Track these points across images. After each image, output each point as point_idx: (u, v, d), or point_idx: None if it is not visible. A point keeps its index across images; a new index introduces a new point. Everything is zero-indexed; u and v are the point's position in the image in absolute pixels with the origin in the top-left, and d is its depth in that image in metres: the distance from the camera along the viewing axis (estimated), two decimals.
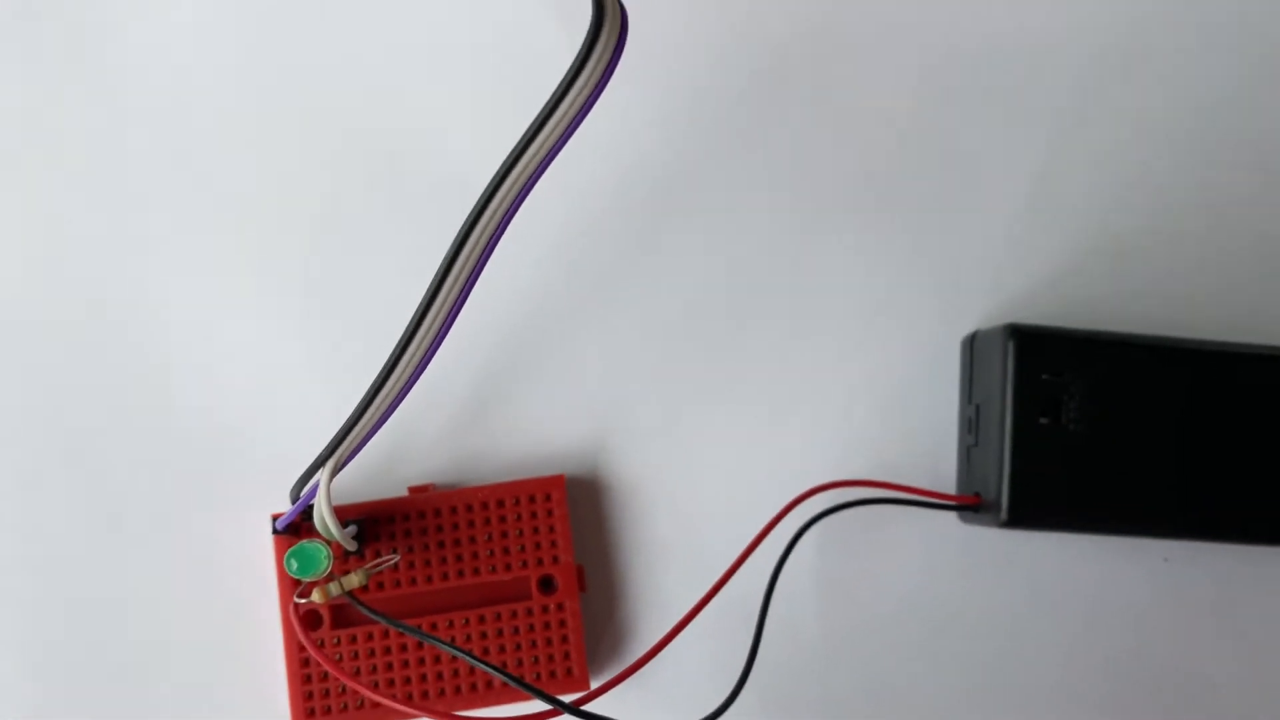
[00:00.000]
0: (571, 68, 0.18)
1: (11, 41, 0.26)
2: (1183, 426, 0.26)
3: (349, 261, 0.27)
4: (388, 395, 0.21)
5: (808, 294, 0.28)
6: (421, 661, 0.25)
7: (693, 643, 0.25)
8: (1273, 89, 0.28)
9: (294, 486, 0.23)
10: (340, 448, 0.21)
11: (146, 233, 0.26)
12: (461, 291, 0.20)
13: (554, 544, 0.26)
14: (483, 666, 0.22)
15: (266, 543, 0.25)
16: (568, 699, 0.22)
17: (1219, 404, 0.26)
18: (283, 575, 0.25)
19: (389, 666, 0.25)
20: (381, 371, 0.21)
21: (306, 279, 0.27)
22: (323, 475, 0.21)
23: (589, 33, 0.18)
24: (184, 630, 0.26)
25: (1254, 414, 0.26)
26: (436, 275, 0.20)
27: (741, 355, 0.27)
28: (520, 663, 0.25)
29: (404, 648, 0.25)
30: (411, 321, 0.20)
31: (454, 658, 0.25)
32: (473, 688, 0.25)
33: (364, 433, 0.21)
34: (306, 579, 0.22)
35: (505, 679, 0.22)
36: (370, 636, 0.25)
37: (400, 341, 0.20)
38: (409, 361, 0.20)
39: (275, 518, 0.24)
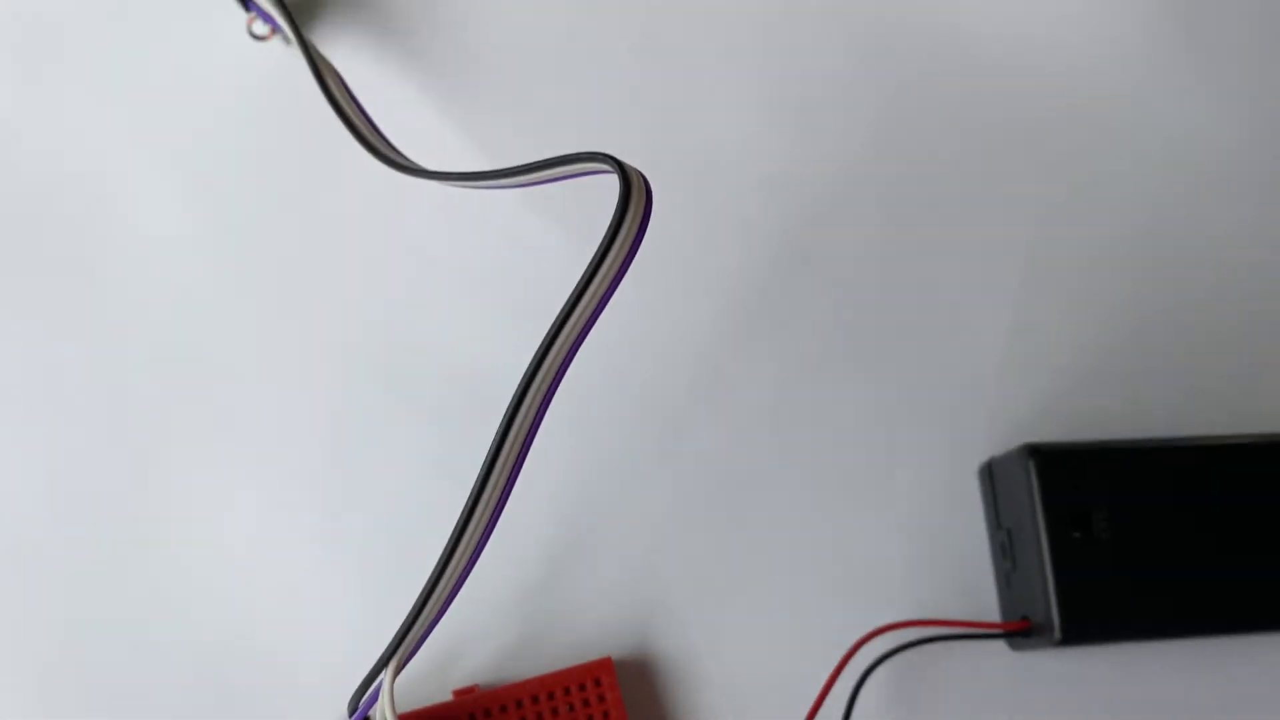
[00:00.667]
0: (604, 241, 0.19)
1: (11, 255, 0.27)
2: (1208, 519, 0.26)
3: (368, 469, 0.26)
4: (446, 586, 0.20)
5: (822, 452, 0.28)
6: None
7: None
8: (1215, 197, 0.30)
9: (353, 696, 0.22)
10: (402, 646, 0.20)
11: (158, 445, 0.26)
12: (510, 475, 0.20)
13: None
14: None
15: None
16: None
17: (1236, 494, 0.27)
18: None
19: None
20: (438, 563, 0.20)
21: (326, 488, 0.26)
22: (386, 676, 0.20)
23: (618, 205, 0.19)
24: None
25: (1268, 498, 0.27)
26: (484, 464, 0.20)
27: (769, 522, 0.27)
28: None
29: None
30: (464, 510, 0.20)
31: None
32: None
33: (425, 627, 0.20)
34: None
35: None
36: None
37: (455, 531, 0.20)
38: (464, 550, 0.20)
39: None
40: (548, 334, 0.20)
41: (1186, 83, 0.31)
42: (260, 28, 0.28)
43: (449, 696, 0.25)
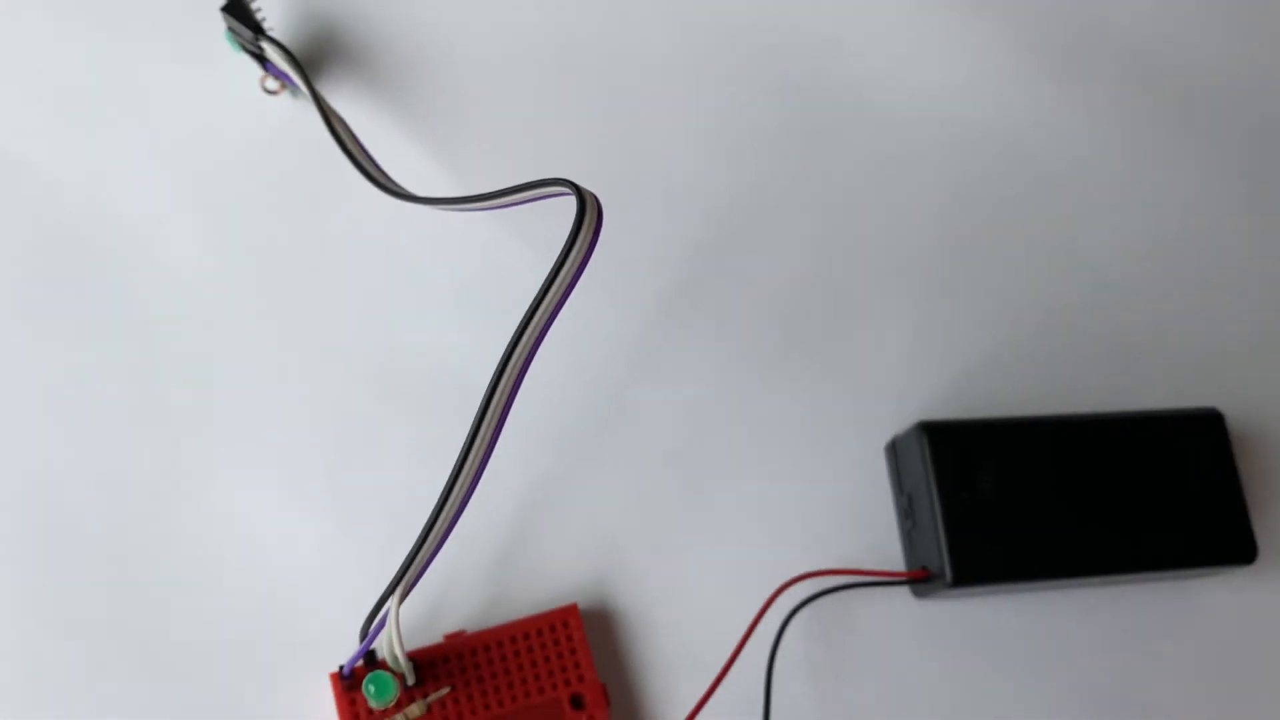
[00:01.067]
0: (563, 248, 0.24)
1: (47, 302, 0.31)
2: (1073, 482, 0.31)
3: (366, 456, 0.31)
4: (439, 530, 0.25)
5: (756, 433, 0.33)
6: None
7: None
8: (1085, 217, 0.36)
9: (363, 625, 0.26)
10: (404, 579, 0.25)
11: (190, 440, 0.31)
12: (489, 443, 0.25)
13: (577, 665, 0.29)
14: None
15: (324, 694, 0.28)
16: None
17: (1096, 460, 0.32)
18: (344, 709, 0.28)
19: None
20: (432, 513, 0.25)
21: (332, 474, 0.31)
22: (392, 603, 0.25)
23: (575, 219, 0.24)
24: None
25: (1125, 465, 0.32)
26: (469, 434, 0.25)
27: (710, 491, 0.32)
28: None
29: None
30: (454, 468, 0.25)
31: None
32: None
33: (422, 564, 0.25)
34: (380, 704, 0.25)
35: None
36: None
37: (445, 485, 0.25)
38: (453, 502, 0.25)
39: (332, 675, 0.28)
40: (518, 327, 0.25)
41: (1059, 123, 0.37)
42: (272, 84, 0.33)
43: (440, 639, 0.30)
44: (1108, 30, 0.39)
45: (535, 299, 0.25)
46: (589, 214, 0.24)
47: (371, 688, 0.26)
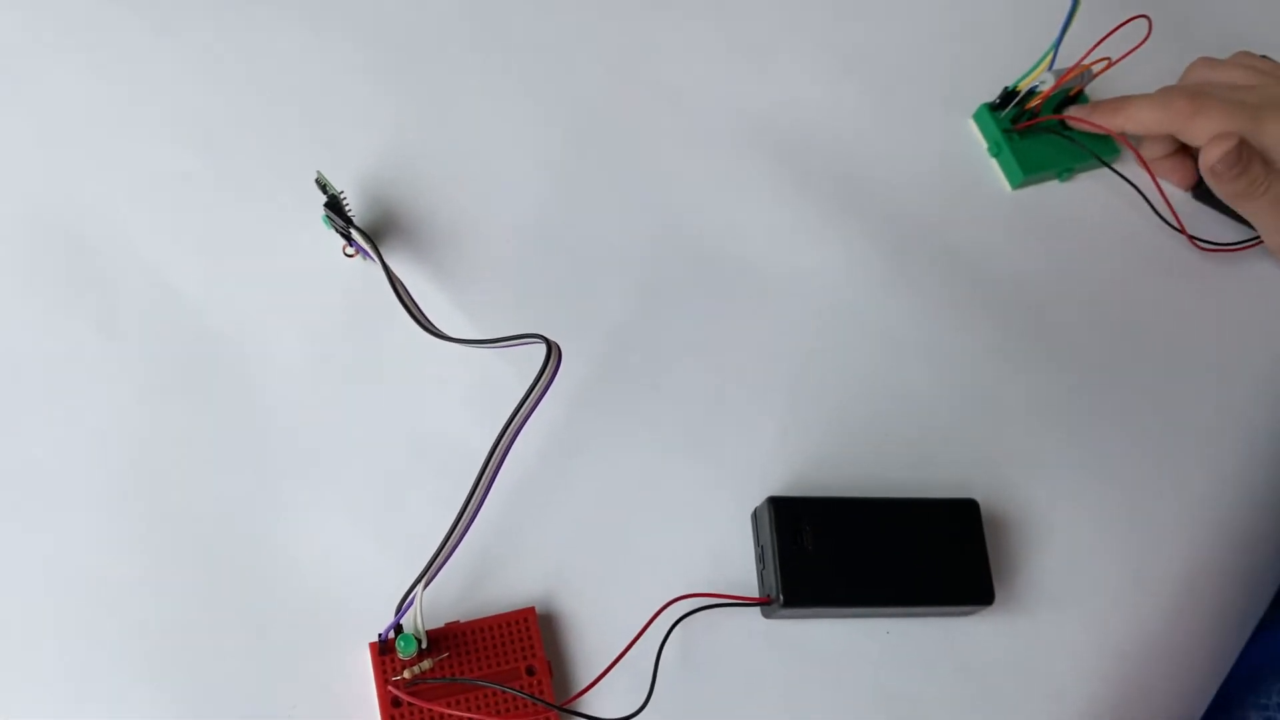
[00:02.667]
0: (536, 376, 0.40)
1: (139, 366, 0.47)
2: (871, 542, 0.47)
3: (397, 500, 0.47)
4: (454, 539, 0.40)
5: (658, 497, 0.48)
6: None
7: (615, 698, 0.44)
8: (904, 357, 0.52)
9: (397, 605, 0.41)
10: (427, 574, 0.40)
11: (274, 477, 0.46)
12: (486, 487, 0.41)
13: (531, 647, 0.44)
14: (518, 694, 0.41)
15: (364, 660, 0.43)
16: None
17: (889, 529, 0.47)
18: (377, 667, 0.43)
19: None
20: (448, 531, 0.40)
21: (373, 511, 0.46)
22: (419, 590, 0.40)
23: (544, 359, 0.40)
24: (313, 716, 0.43)
25: (909, 533, 0.47)
26: (471, 486, 0.41)
27: (626, 536, 0.48)
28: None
29: (443, 717, 0.43)
30: (461, 507, 0.40)
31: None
32: None
33: (441, 563, 0.40)
34: (406, 655, 0.41)
35: (523, 696, 0.40)
36: (428, 713, 0.43)
37: (457, 515, 0.40)
38: (464, 522, 0.40)
39: (372, 644, 0.43)
40: (505, 422, 0.41)
41: (887, 295, 0.53)
42: (349, 251, 0.49)
43: (442, 625, 0.44)
44: (927, 232, 0.56)
45: (516, 406, 0.41)
46: (553, 356, 0.40)
47: (401, 644, 0.41)
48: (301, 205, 0.50)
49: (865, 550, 0.47)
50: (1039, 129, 0.58)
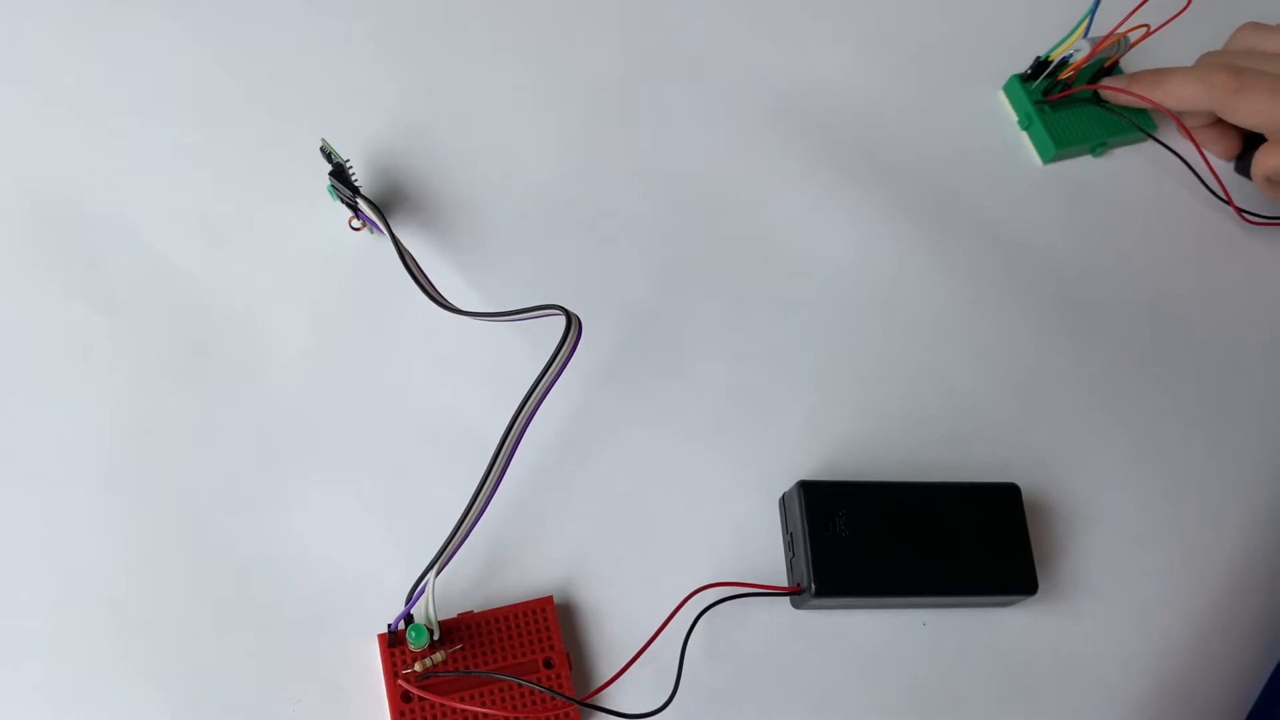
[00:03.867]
0: (557, 350, 0.38)
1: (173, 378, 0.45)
2: (908, 528, 0.44)
3: (408, 484, 0.44)
4: (465, 528, 0.38)
5: (687, 485, 0.46)
6: None
7: (638, 692, 0.41)
8: (936, 338, 0.50)
9: (408, 593, 0.39)
10: (439, 562, 0.38)
11: (278, 465, 0.44)
12: (500, 473, 0.38)
13: (549, 638, 0.42)
14: (535, 687, 0.38)
15: (372, 651, 0.41)
16: None
17: (926, 515, 0.45)
18: (386, 660, 0.40)
19: None
20: (460, 516, 0.38)
21: (384, 497, 0.44)
22: (430, 577, 0.38)
23: (564, 331, 0.37)
24: (319, 710, 0.41)
25: (947, 519, 0.45)
26: (487, 467, 0.38)
27: (652, 523, 0.45)
28: (538, 717, 0.41)
29: (456, 712, 0.40)
30: (475, 491, 0.38)
31: (488, 718, 0.40)
32: None
33: (452, 552, 0.38)
34: (417, 646, 0.38)
35: (541, 689, 0.38)
36: (439, 707, 0.40)
37: (471, 498, 0.38)
38: (476, 508, 0.38)
39: (381, 635, 0.41)
40: (520, 402, 0.38)
41: (923, 274, 0.51)
42: (356, 224, 0.47)
43: (456, 615, 0.42)
44: (956, 208, 0.53)
45: (533, 384, 0.38)
46: (573, 328, 0.38)
47: (412, 634, 0.38)
48: (307, 180, 0.47)
49: (901, 537, 0.44)
50: (1072, 101, 0.55)
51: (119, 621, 0.41)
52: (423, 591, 0.39)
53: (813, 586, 0.43)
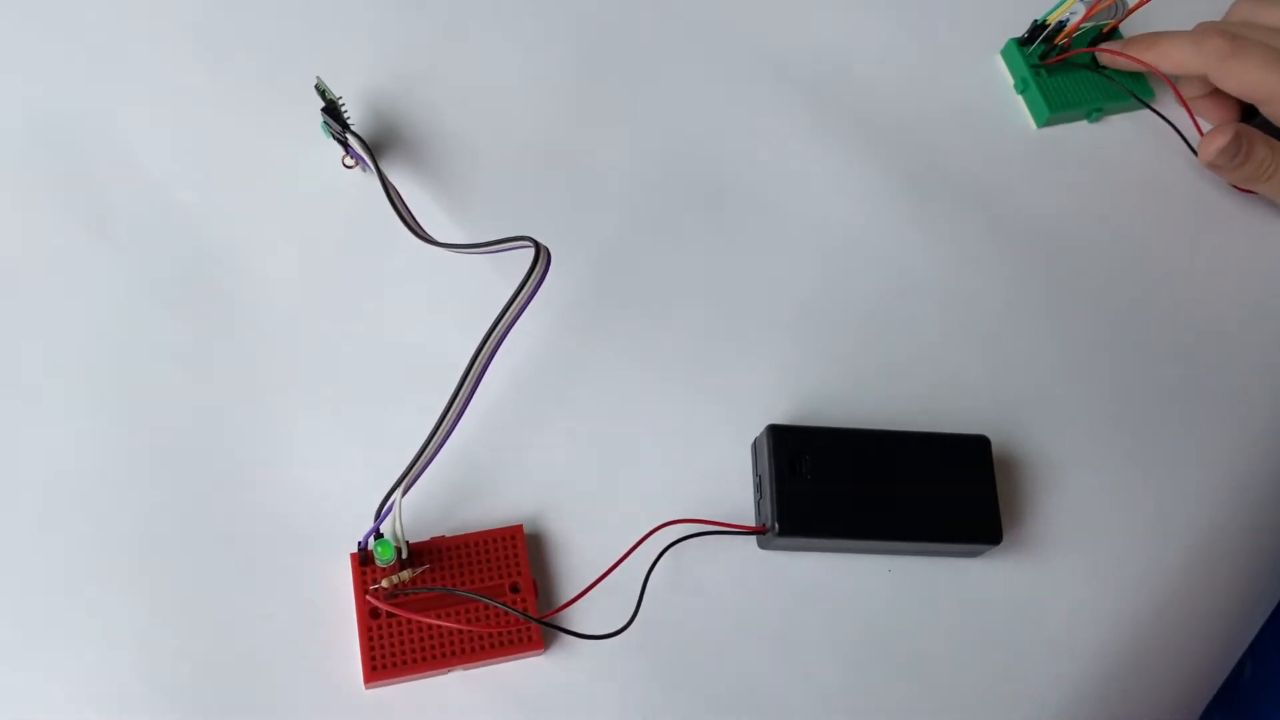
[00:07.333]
0: (525, 279, 0.39)
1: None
2: (874, 475, 0.45)
3: (385, 412, 0.46)
4: (435, 442, 0.39)
5: (660, 425, 0.47)
6: (431, 637, 0.42)
7: (599, 617, 0.43)
8: (916, 300, 0.51)
9: (378, 508, 0.41)
10: (407, 478, 0.39)
11: (267, 394, 0.45)
12: (469, 393, 0.39)
13: (517, 564, 0.43)
14: (499, 606, 0.40)
15: (345, 571, 0.42)
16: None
17: (893, 462, 0.45)
18: (357, 577, 0.42)
19: (415, 640, 0.42)
20: (430, 432, 0.39)
21: (362, 421, 0.45)
22: (398, 494, 0.39)
23: (532, 261, 0.39)
24: (290, 625, 0.42)
25: (915, 468, 0.46)
26: (453, 394, 0.40)
27: (623, 460, 0.46)
28: (500, 634, 0.42)
29: (422, 628, 0.42)
30: (441, 414, 0.39)
31: (452, 634, 0.41)
32: (472, 650, 0.42)
33: (421, 468, 0.39)
34: (383, 562, 0.40)
35: (506, 609, 0.39)
36: (406, 623, 0.42)
37: (439, 416, 0.39)
38: (442, 432, 0.39)
39: (352, 555, 0.42)
40: (489, 329, 0.39)
41: (905, 231, 0.52)
42: (349, 162, 0.48)
43: (427, 539, 0.43)
44: (946, 169, 0.54)
45: (501, 310, 0.40)
46: (541, 258, 0.39)
47: (378, 549, 0.40)
48: (303, 118, 0.49)
49: (868, 483, 0.45)
50: (1069, 65, 0.56)
51: (97, 537, 0.43)
52: (390, 509, 0.40)
53: (776, 526, 0.44)
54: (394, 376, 0.46)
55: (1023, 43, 0.56)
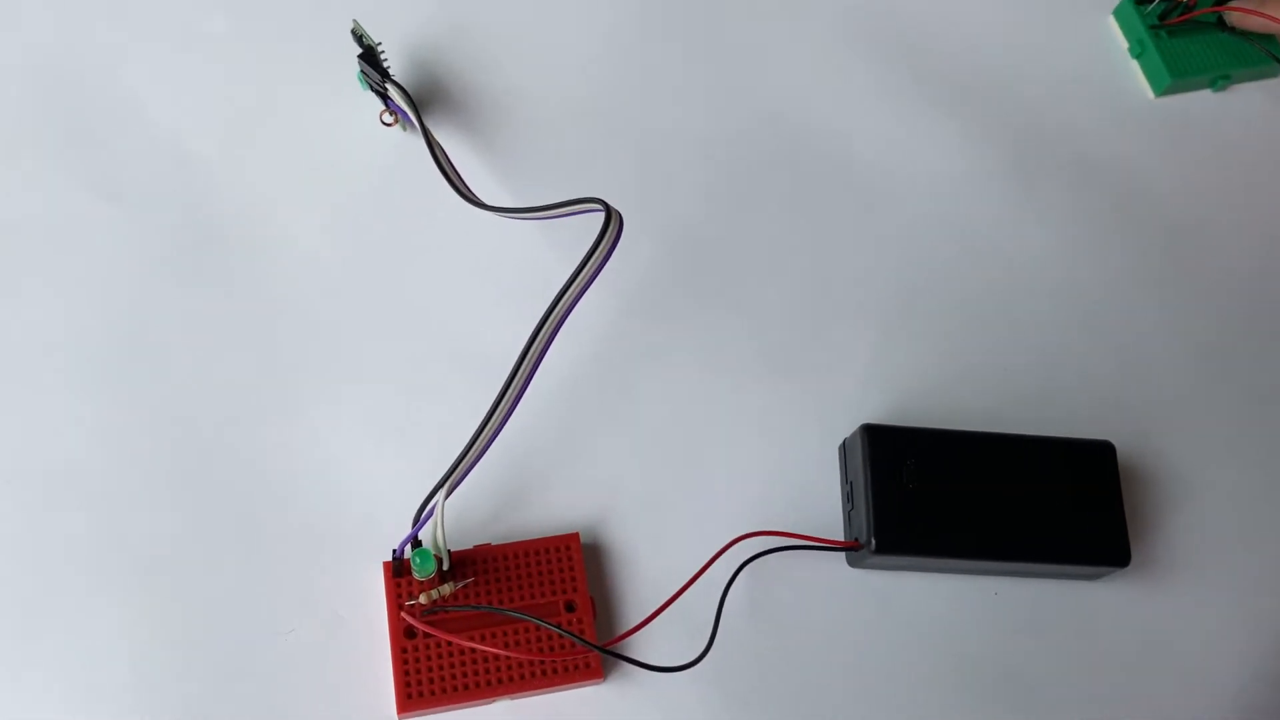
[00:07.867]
0: (593, 247, 0.33)
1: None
2: (984, 484, 0.39)
3: (425, 402, 0.40)
4: (480, 444, 0.34)
5: (737, 423, 0.41)
6: (474, 662, 0.36)
7: (668, 644, 0.37)
8: (1027, 288, 0.45)
9: (416, 512, 0.35)
10: (450, 479, 0.34)
11: (294, 383, 0.40)
12: (521, 388, 0.34)
13: (573, 579, 0.38)
14: (553, 628, 0.34)
15: (376, 580, 0.37)
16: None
17: (1006, 470, 0.40)
18: (390, 590, 0.36)
19: (456, 665, 0.36)
20: (474, 434, 0.34)
21: (398, 412, 0.40)
22: (440, 497, 0.34)
23: (603, 225, 0.33)
24: (313, 642, 0.37)
25: (1029, 477, 0.40)
26: (506, 382, 0.34)
27: (695, 463, 0.40)
28: (554, 662, 0.36)
29: (464, 651, 0.36)
30: (491, 407, 0.34)
31: (498, 660, 0.36)
32: (521, 678, 0.36)
33: (465, 470, 0.34)
34: (421, 574, 0.34)
35: (561, 633, 0.33)
36: (445, 645, 0.36)
37: (486, 414, 0.34)
38: (491, 426, 0.34)
39: (386, 563, 0.36)
40: (548, 308, 0.34)
41: (1011, 216, 0.46)
42: (388, 118, 0.43)
43: (471, 548, 0.38)
44: (1055, 142, 0.48)
45: (564, 284, 0.34)
46: (613, 224, 0.34)
47: (416, 559, 0.34)
48: (337, 68, 0.43)
49: (976, 493, 0.39)
50: (1193, 26, 0.49)
51: (96, 537, 0.37)
52: (431, 513, 0.34)
53: (872, 542, 0.38)
54: (436, 362, 0.41)
55: (1139, 1, 0.50)
